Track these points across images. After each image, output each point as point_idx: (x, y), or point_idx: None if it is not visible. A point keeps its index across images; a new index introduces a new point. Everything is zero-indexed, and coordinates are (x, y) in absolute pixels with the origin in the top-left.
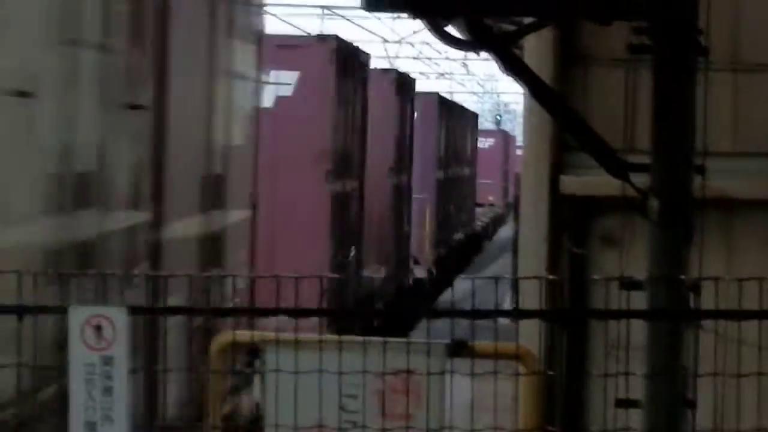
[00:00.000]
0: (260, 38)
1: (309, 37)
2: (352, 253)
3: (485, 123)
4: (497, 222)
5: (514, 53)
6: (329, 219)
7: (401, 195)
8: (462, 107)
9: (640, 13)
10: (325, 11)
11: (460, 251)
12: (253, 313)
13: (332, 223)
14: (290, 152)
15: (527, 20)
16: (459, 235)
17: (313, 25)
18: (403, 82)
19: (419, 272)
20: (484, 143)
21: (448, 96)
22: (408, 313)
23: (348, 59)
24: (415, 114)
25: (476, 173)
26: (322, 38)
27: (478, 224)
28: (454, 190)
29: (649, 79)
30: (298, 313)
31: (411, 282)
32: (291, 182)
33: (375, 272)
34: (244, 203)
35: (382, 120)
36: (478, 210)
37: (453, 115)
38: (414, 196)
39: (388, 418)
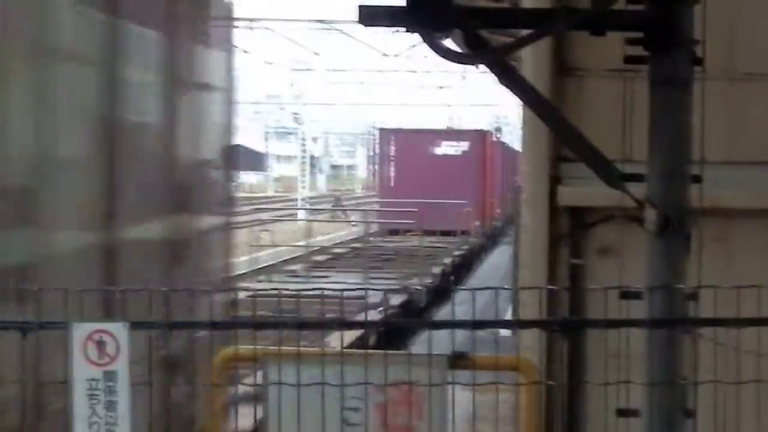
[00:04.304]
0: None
1: (474, 129)
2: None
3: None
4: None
5: (510, 65)
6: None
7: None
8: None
9: (635, 24)
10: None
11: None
12: (256, 326)
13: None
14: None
15: (523, 32)
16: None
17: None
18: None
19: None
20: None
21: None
22: (410, 325)
23: (487, 137)
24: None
25: None
26: (480, 131)
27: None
28: None
29: (645, 89)
30: (300, 326)
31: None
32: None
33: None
34: None
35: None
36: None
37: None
38: None
39: (390, 431)
